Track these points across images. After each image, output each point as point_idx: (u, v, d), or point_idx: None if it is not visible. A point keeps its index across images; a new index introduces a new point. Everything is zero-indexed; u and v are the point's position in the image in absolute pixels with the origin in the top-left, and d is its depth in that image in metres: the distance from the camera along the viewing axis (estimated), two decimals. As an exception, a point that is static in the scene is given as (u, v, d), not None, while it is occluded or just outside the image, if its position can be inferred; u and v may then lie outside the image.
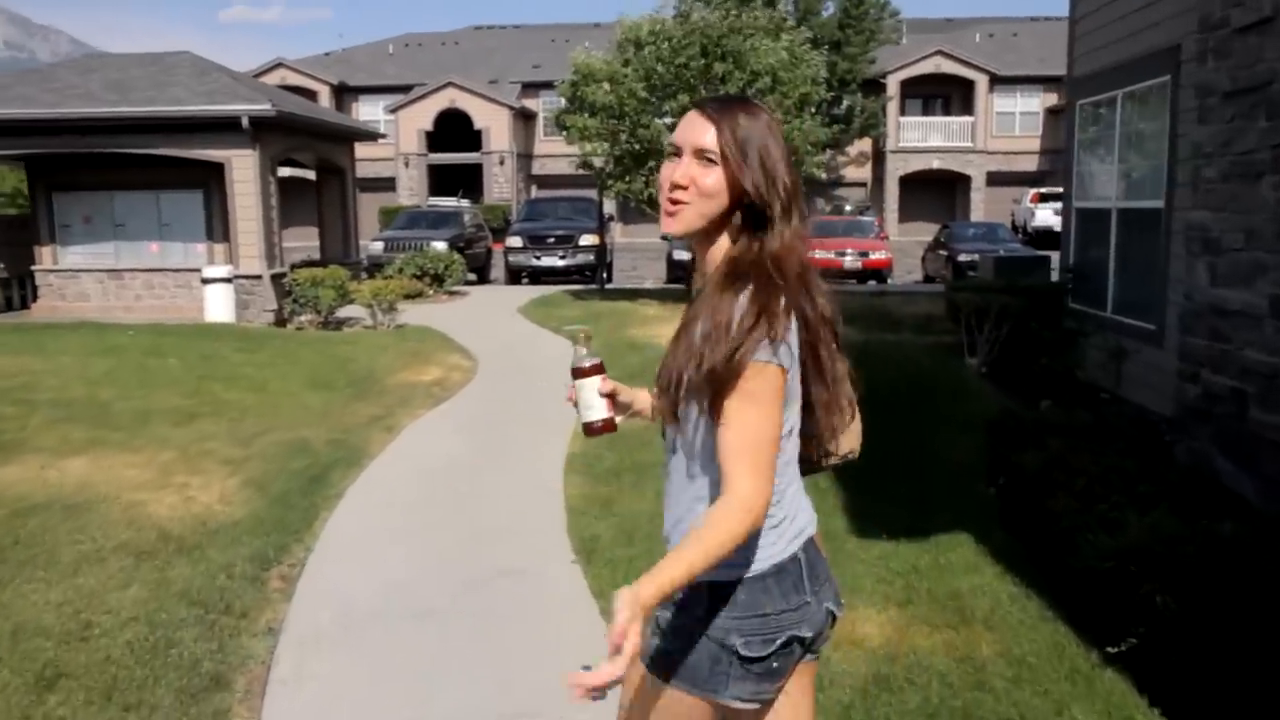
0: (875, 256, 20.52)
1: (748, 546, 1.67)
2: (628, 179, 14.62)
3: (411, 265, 17.81)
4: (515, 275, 21.39)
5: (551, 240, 20.87)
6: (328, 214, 17.68)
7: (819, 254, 20.53)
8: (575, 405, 2.00)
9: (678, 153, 1.75)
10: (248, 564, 4.77)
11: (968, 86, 38.45)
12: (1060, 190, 31.33)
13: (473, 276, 22.42)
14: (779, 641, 1.73)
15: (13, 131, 14.05)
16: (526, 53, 43.81)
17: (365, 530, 5.44)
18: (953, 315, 11.18)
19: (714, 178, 1.70)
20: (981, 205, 40.04)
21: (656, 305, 16.03)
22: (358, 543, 5.25)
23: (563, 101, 15.95)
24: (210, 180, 14.59)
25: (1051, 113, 38.31)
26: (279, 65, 40.41)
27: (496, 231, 30.96)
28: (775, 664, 1.74)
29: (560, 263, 20.75)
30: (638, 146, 14.41)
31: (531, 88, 41.38)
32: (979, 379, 9.21)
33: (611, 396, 1.99)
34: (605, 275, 19.68)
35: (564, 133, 15.24)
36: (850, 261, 20.32)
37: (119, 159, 14.53)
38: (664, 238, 21.83)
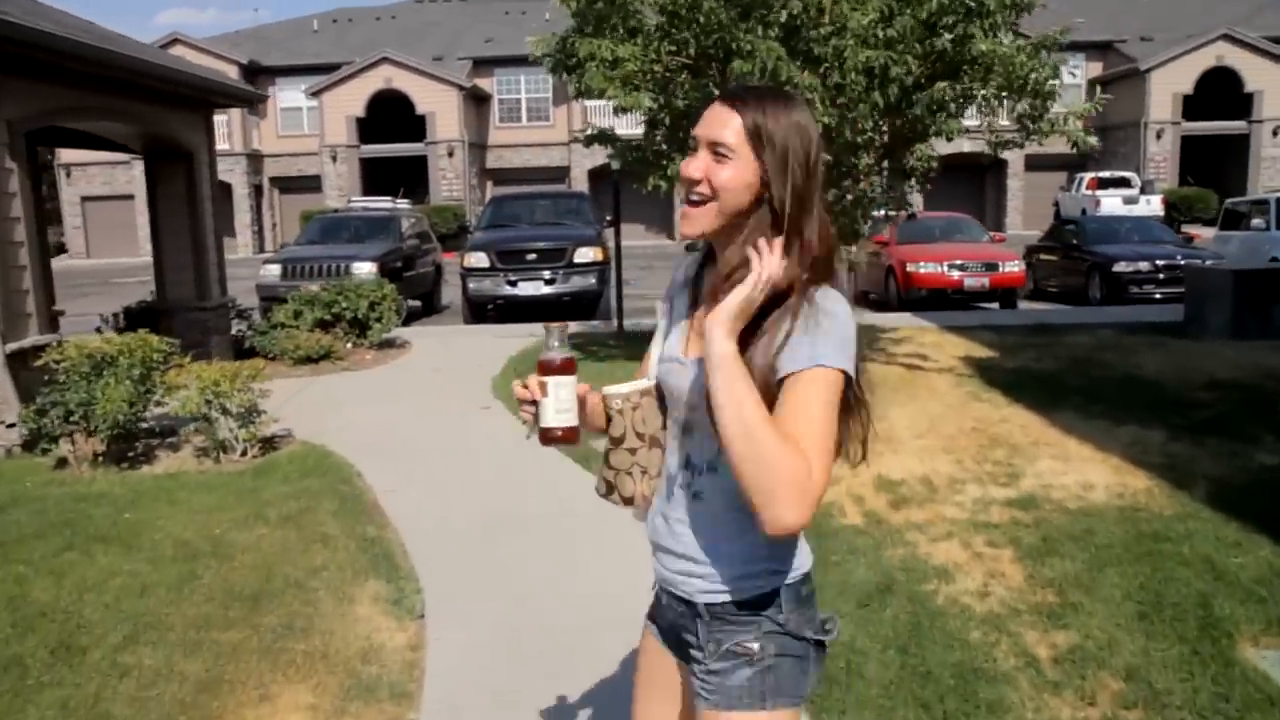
0: (1007, 269, 14.00)
1: (799, 548, 1.68)
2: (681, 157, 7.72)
3: (317, 306, 11.00)
4: (479, 309, 14.41)
5: (533, 257, 13.85)
6: (168, 228, 10.72)
7: (922, 268, 14.10)
8: (532, 405, 1.66)
9: (697, 147, 1.57)
10: None
11: (1003, 54, 32.23)
12: (1126, 175, 24.41)
13: (415, 304, 15.54)
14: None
15: None
16: (477, 25, 37.00)
17: None
18: None
19: (728, 173, 1.54)
20: (1019, 194, 34.30)
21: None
22: None
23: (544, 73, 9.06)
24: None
25: (1095, 83, 32.35)
26: (175, 41, 33.06)
27: (446, 239, 24.12)
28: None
29: (548, 290, 13.79)
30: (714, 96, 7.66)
31: (484, 65, 34.58)
32: None
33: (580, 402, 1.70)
34: (617, 308, 12.86)
35: (568, 77, 8.28)
36: (972, 279, 13.82)
37: None
38: (688, 247, 15.16)
